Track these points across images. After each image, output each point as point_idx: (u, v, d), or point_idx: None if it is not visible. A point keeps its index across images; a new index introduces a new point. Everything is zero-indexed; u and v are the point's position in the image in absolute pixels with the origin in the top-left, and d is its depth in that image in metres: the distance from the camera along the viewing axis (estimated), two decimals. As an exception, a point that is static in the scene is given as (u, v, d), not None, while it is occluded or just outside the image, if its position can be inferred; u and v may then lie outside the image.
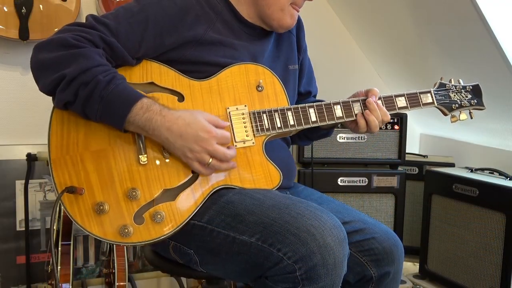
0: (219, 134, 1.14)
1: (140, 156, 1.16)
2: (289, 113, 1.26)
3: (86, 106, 1.10)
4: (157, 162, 1.17)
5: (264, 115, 1.25)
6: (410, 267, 2.52)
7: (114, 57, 1.17)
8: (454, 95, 1.37)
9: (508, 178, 2.02)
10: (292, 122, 1.26)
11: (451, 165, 2.48)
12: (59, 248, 1.81)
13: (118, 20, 1.18)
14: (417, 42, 2.37)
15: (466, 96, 1.38)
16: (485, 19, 1.86)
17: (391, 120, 2.34)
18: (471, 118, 1.38)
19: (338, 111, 1.29)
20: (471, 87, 1.39)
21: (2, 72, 2.09)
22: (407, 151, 2.41)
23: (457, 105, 1.37)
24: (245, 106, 1.25)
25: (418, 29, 2.29)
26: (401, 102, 1.34)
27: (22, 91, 2.11)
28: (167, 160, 1.17)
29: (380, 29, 2.56)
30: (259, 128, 1.24)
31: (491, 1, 1.85)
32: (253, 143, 1.24)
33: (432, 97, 1.35)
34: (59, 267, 1.79)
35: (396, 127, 2.35)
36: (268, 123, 1.25)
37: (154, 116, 1.11)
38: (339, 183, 2.31)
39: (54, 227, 1.86)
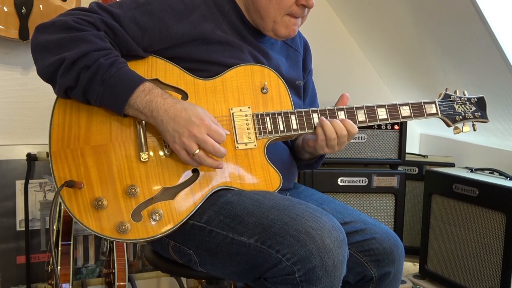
0: (212, 126, 1.11)
1: (140, 153, 1.16)
2: (293, 117, 1.25)
3: (87, 89, 1.10)
4: (158, 160, 1.17)
5: (268, 117, 1.24)
6: (410, 267, 2.52)
7: (117, 42, 1.17)
8: (459, 107, 1.35)
9: (508, 178, 2.02)
10: (295, 126, 1.25)
11: (451, 165, 2.48)
12: (59, 248, 1.82)
13: (122, 9, 1.19)
14: (417, 42, 2.37)
15: (470, 108, 1.36)
16: (485, 19, 1.86)
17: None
18: (474, 130, 1.37)
19: (342, 117, 1.27)
20: (476, 99, 1.37)
21: (2, 72, 2.09)
22: (407, 151, 2.40)
23: (460, 117, 1.35)
24: (249, 107, 1.24)
25: (418, 29, 2.29)
26: (405, 111, 1.32)
27: (22, 91, 2.10)
28: (167, 158, 1.17)
29: (380, 29, 2.56)
30: (261, 130, 1.24)
31: (491, 1, 1.85)
32: (255, 145, 1.23)
33: (436, 108, 1.33)
34: (59, 267, 1.79)
35: (396, 127, 2.35)
36: (271, 126, 1.24)
37: (155, 98, 1.11)
38: (339, 183, 2.31)
39: (54, 227, 1.86)
